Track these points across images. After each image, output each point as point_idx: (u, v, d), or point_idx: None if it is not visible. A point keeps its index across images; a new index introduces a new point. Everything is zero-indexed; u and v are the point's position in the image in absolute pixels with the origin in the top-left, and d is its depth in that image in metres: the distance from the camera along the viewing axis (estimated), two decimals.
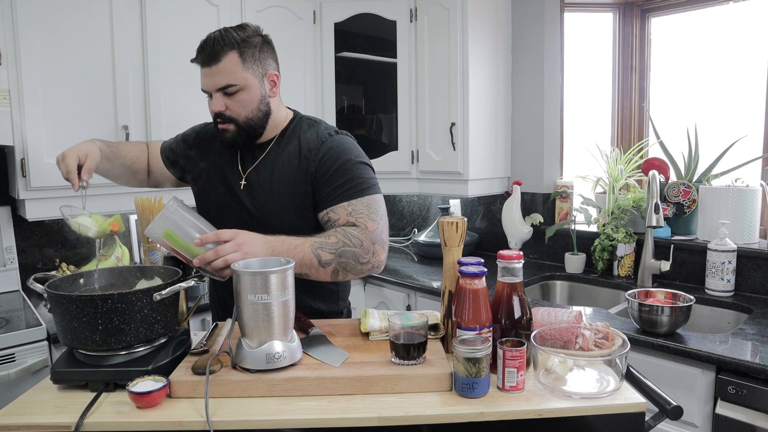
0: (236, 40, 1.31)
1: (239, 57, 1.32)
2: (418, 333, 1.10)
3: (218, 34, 1.32)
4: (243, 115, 1.36)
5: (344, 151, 1.39)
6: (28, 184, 2.01)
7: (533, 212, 2.80)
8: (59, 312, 1.07)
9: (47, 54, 2.00)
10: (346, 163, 1.37)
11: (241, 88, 1.34)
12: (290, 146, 1.42)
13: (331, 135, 1.41)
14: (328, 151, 1.38)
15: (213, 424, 0.96)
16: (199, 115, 2.37)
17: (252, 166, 1.44)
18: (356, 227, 1.33)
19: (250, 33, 1.35)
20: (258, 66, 1.36)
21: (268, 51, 1.40)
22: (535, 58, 2.74)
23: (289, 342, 1.09)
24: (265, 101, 1.39)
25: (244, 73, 1.33)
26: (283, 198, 1.40)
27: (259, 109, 1.38)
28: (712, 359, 1.59)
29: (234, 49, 1.31)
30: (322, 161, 1.37)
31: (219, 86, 1.33)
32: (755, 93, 2.33)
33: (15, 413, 1.00)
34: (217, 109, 1.35)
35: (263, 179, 1.42)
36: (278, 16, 2.59)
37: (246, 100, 1.35)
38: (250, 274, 1.05)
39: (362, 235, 1.32)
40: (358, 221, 1.34)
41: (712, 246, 2.12)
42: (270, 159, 1.43)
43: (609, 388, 1.05)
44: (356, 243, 1.31)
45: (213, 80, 1.33)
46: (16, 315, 1.97)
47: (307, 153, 1.39)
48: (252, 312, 1.06)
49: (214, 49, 1.31)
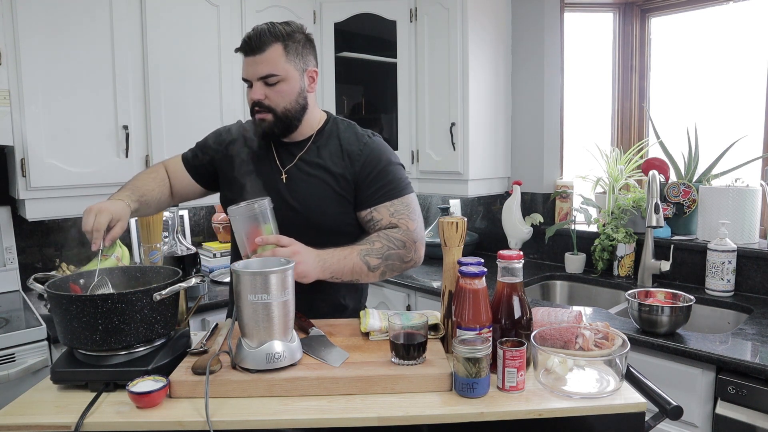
0: (282, 33, 1.37)
1: (283, 49, 1.38)
2: (419, 333, 1.10)
3: (265, 27, 1.38)
4: (281, 106, 1.41)
5: (383, 153, 1.48)
6: (28, 184, 2.01)
7: (533, 212, 2.80)
8: (59, 312, 1.07)
9: (47, 54, 2.00)
10: (387, 165, 1.46)
11: (282, 79, 1.39)
12: (330, 145, 1.48)
13: (369, 137, 1.50)
14: (370, 153, 1.46)
15: (213, 424, 0.96)
16: (198, 115, 2.38)
17: (292, 163, 1.48)
18: (397, 228, 1.43)
19: (294, 28, 1.41)
20: (299, 60, 1.41)
21: (309, 48, 1.45)
22: (535, 58, 2.74)
23: (289, 342, 1.09)
24: (303, 95, 1.44)
25: (286, 65, 1.38)
26: (327, 193, 1.45)
27: (297, 102, 1.43)
28: (712, 359, 1.59)
29: (279, 41, 1.37)
30: (365, 163, 1.45)
31: (261, 75, 1.37)
32: (755, 93, 2.33)
33: (15, 413, 1.00)
34: (256, 97, 1.39)
35: (306, 174, 1.46)
36: (278, 16, 2.59)
37: (285, 91, 1.40)
38: (250, 274, 1.05)
39: (404, 236, 1.42)
40: (400, 222, 1.43)
41: (712, 246, 2.12)
42: (312, 156, 1.47)
43: (609, 388, 1.05)
44: (399, 245, 1.41)
45: (256, 69, 1.38)
46: (16, 315, 1.97)
47: (348, 153, 1.46)
48: (252, 312, 1.06)
49: (260, 40, 1.36)
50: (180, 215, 2.61)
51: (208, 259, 2.60)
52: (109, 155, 2.17)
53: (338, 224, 1.45)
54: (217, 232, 2.75)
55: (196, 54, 2.35)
